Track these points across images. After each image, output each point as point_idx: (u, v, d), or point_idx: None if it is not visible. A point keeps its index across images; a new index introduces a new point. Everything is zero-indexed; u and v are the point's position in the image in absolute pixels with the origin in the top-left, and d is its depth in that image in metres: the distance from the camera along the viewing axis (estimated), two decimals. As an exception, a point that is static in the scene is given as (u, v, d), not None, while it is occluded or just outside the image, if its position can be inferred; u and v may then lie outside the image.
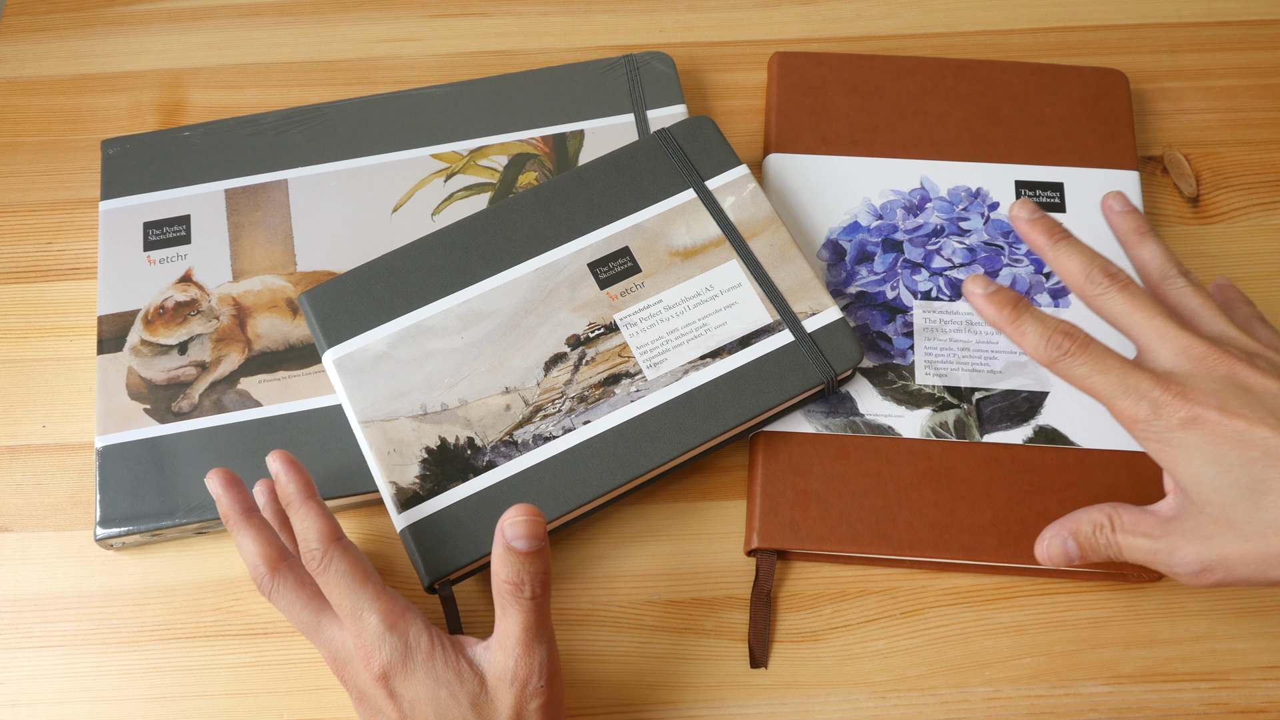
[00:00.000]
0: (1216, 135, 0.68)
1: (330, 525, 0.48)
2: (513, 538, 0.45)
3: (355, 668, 0.47)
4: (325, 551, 0.47)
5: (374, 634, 0.46)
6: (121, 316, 0.60)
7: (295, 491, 0.49)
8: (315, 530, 0.48)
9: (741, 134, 0.68)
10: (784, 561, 0.57)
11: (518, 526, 0.45)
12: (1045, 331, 0.48)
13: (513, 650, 0.46)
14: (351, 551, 0.48)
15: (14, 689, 0.55)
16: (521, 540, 0.45)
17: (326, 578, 0.47)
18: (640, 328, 0.56)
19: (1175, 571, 0.46)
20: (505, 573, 0.45)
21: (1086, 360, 0.47)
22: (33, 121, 0.69)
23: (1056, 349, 0.47)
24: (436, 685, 0.46)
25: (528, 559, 0.45)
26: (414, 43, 0.71)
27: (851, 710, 0.54)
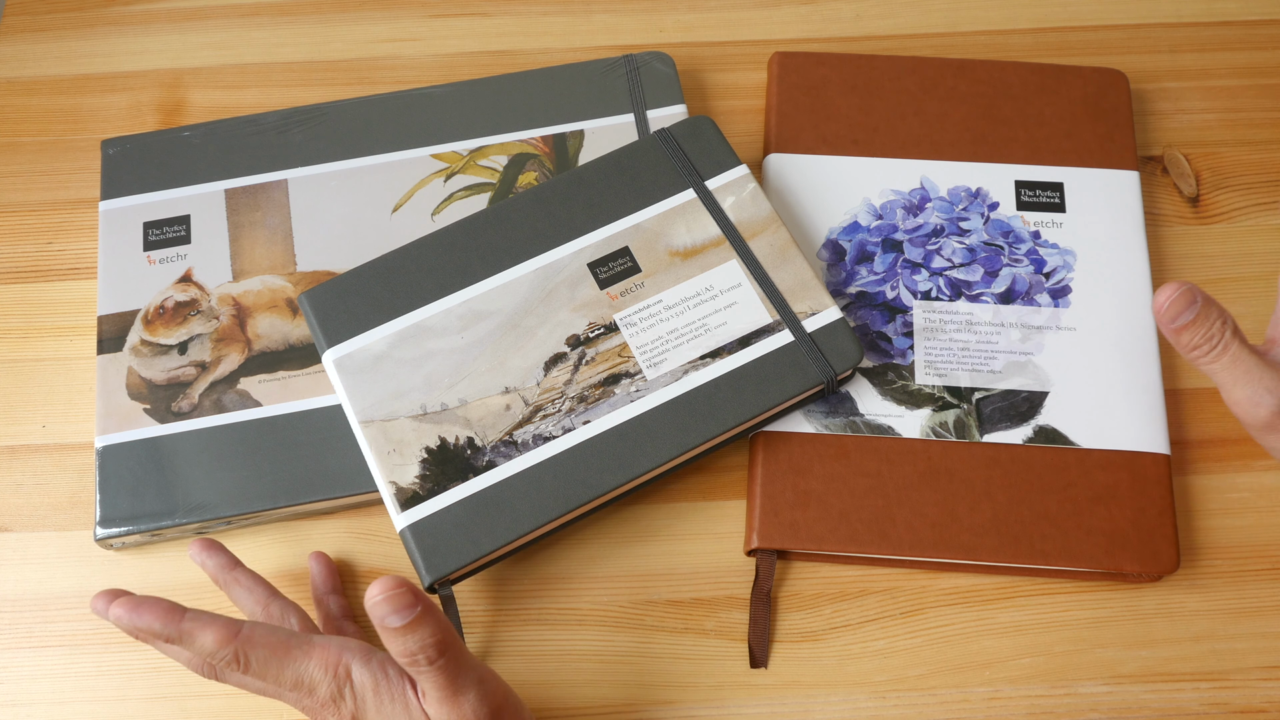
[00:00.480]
0: (1216, 135, 0.68)
1: (219, 629, 0.45)
2: (381, 618, 0.42)
3: (326, 716, 0.47)
4: (235, 654, 0.45)
5: (326, 692, 0.46)
6: (121, 316, 0.60)
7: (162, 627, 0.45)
8: (210, 642, 0.45)
9: (741, 134, 0.68)
10: (784, 561, 0.57)
11: (381, 607, 0.42)
12: None
13: (441, 707, 0.45)
14: (257, 634, 0.46)
15: (14, 689, 0.55)
16: (392, 618, 0.42)
17: (254, 670, 0.46)
18: (640, 328, 0.56)
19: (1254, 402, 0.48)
20: (394, 649, 0.43)
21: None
22: (33, 121, 0.69)
23: None
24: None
25: (408, 632, 0.43)
26: (414, 43, 0.71)
27: (851, 710, 0.54)
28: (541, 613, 0.56)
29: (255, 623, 0.47)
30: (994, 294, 0.60)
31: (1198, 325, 0.49)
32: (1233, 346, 0.49)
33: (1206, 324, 0.49)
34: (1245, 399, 0.49)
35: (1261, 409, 0.49)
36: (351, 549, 0.58)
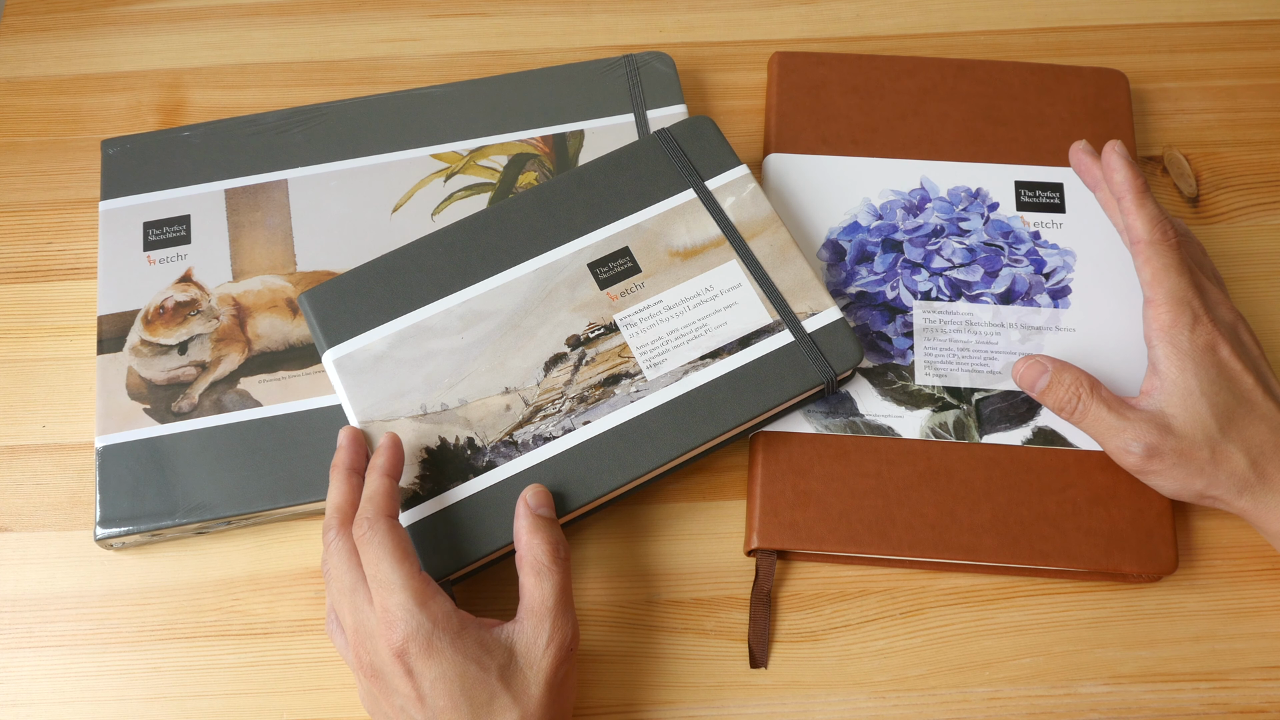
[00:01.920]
0: (1216, 135, 0.68)
1: (390, 503, 0.50)
2: (538, 506, 0.51)
3: (375, 643, 0.47)
4: (374, 522, 0.48)
5: (401, 608, 0.47)
6: (121, 316, 0.60)
7: (379, 465, 0.51)
8: (375, 503, 0.49)
9: (741, 134, 0.68)
10: (784, 561, 0.57)
11: (540, 496, 0.51)
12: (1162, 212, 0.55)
13: (548, 614, 0.48)
14: (398, 530, 0.49)
15: (14, 689, 0.55)
16: (546, 509, 0.51)
17: (368, 548, 0.48)
18: (640, 328, 0.56)
19: (1128, 448, 0.53)
20: (542, 538, 0.49)
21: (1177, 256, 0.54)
22: (33, 121, 0.69)
23: (1161, 231, 0.54)
24: (465, 661, 0.47)
25: (554, 525, 0.50)
26: (414, 43, 0.71)
27: (851, 710, 0.54)
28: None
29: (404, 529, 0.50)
30: (994, 294, 0.60)
31: (1052, 391, 0.55)
32: (1092, 406, 0.54)
33: (1061, 389, 0.55)
34: (1114, 449, 0.54)
35: (1129, 457, 0.53)
36: (351, 549, 0.58)
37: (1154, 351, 0.54)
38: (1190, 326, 0.53)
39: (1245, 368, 0.53)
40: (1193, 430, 0.52)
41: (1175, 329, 0.53)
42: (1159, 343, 0.54)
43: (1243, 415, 0.53)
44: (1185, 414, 0.53)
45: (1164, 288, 0.54)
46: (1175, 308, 0.53)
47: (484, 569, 0.55)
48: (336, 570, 0.49)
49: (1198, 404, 0.52)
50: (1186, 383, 0.53)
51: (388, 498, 0.50)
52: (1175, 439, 0.52)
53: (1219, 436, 0.52)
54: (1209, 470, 0.52)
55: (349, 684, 0.55)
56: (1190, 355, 0.53)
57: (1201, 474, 0.53)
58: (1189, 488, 0.53)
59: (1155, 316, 0.54)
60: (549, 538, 0.49)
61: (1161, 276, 0.54)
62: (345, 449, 0.52)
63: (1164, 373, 0.53)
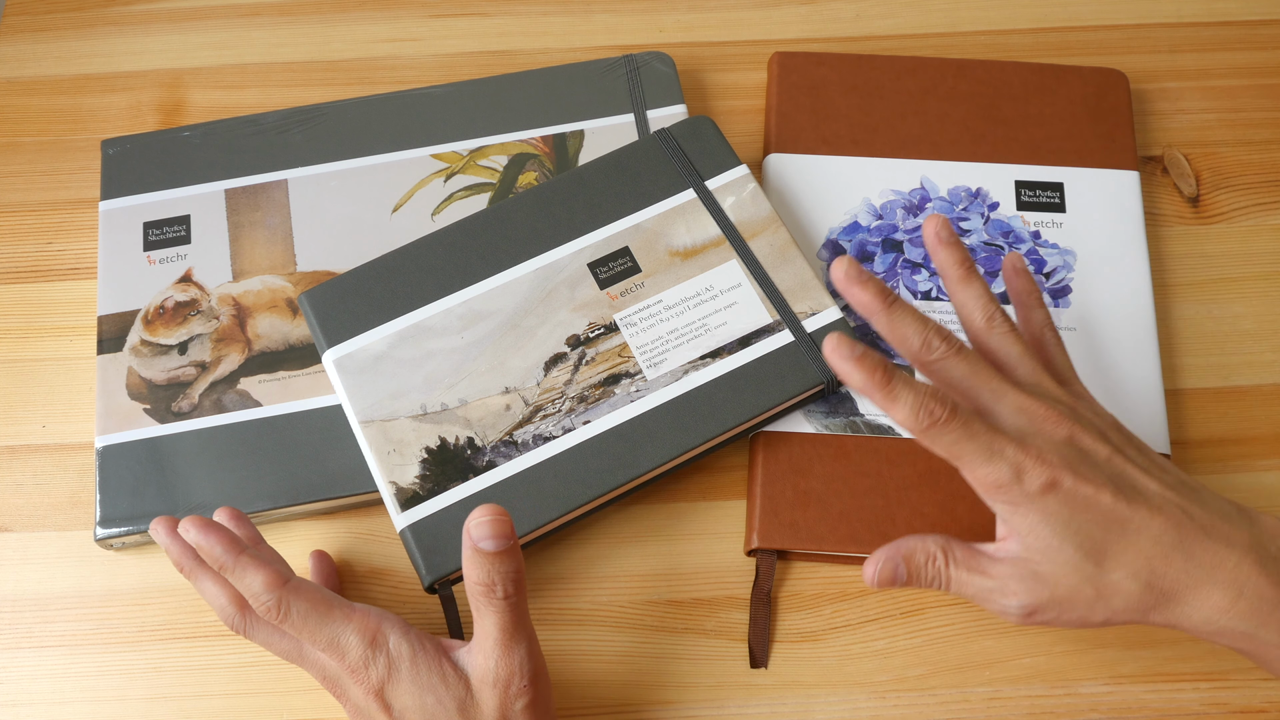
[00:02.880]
0: (1216, 135, 0.68)
1: (271, 573, 0.47)
2: (479, 539, 0.44)
3: (347, 685, 0.47)
4: (279, 600, 0.46)
5: (358, 656, 0.46)
6: (121, 316, 0.60)
7: (223, 554, 0.47)
8: (260, 583, 0.47)
9: (741, 134, 0.68)
10: (784, 561, 0.57)
11: (483, 527, 0.44)
12: (918, 400, 0.44)
13: (492, 652, 0.46)
14: (305, 588, 0.47)
15: (14, 689, 0.55)
16: (489, 541, 0.44)
17: (291, 622, 0.47)
18: (640, 328, 0.56)
19: (1005, 609, 0.47)
20: (476, 574, 0.45)
21: (956, 427, 0.45)
22: (33, 121, 0.69)
23: (928, 416, 0.44)
24: (422, 692, 0.46)
25: (497, 559, 0.44)
26: (414, 43, 0.71)
27: (851, 710, 0.54)
28: (541, 613, 0.56)
29: (302, 578, 0.48)
30: (994, 294, 0.60)
31: (914, 580, 0.48)
32: (953, 576, 0.48)
33: (921, 573, 0.48)
34: (996, 610, 0.47)
35: (1010, 616, 0.47)
36: (351, 549, 0.58)
37: (995, 508, 0.47)
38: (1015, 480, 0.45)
39: (1098, 486, 0.45)
40: (1066, 576, 0.46)
41: (1001, 490, 0.45)
42: (994, 504, 0.47)
43: (1115, 539, 0.45)
44: (1051, 564, 0.46)
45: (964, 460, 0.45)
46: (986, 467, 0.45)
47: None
48: (275, 647, 0.49)
49: (1060, 550, 0.45)
50: (1041, 533, 0.45)
51: (264, 569, 0.47)
52: (1050, 588, 0.46)
53: (1097, 572, 0.45)
54: (1100, 606, 0.46)
55: (349, 684, 0.55)
56: (1034, 507, 0.45)
57: (1094, 611, 0.46)
58: (1089, 622, 0.47)
59: (977, 481, 0.46)
60: (482, 576, 0.45)
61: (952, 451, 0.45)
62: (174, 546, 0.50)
63: (1016, 527, 0.46)
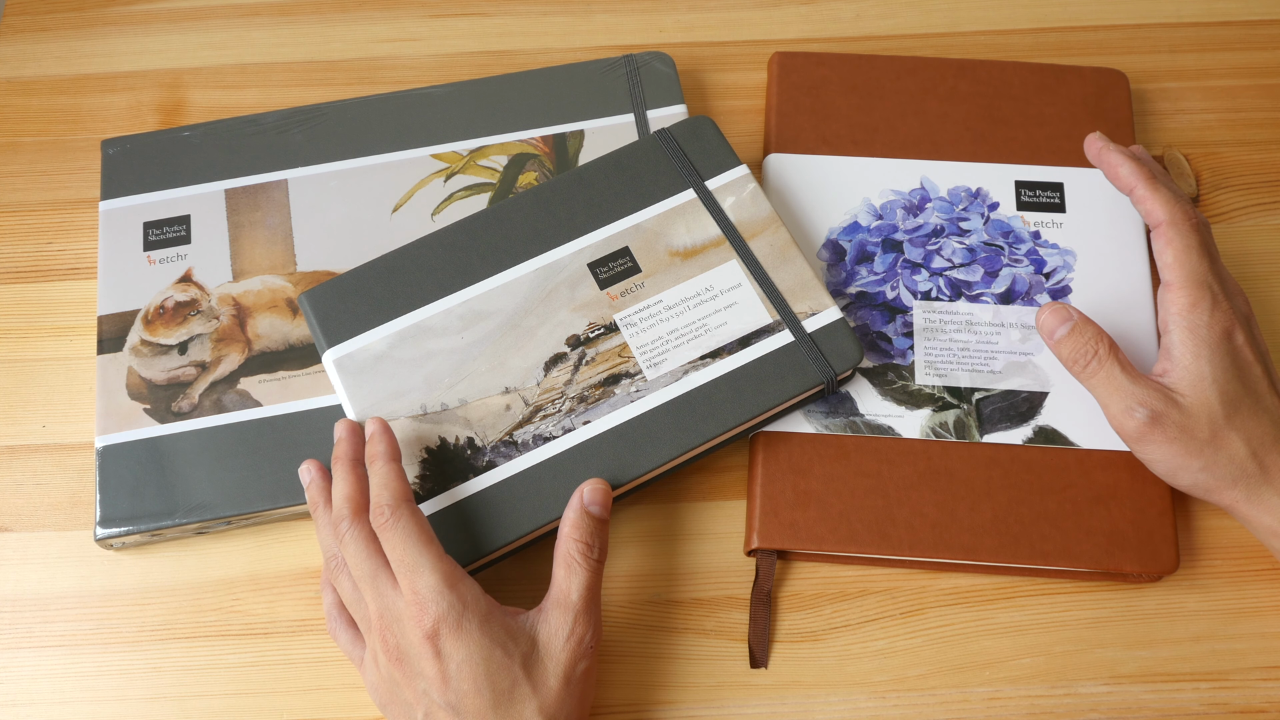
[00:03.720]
0: (1216, 135, 0.68)
1: (404, 488, 0.50)
2: (590, 503, 0.51)
3: (404, 625, 0.48)
4: (395, 509, 0.49)
5: (431, 590, 0.47)
6: (121, 316, 0.60)
7: (381, 452, 0.51)
8: (391, 489, 0.49)
9: (741, 134, 0.68)
10: (784, 561, 0.57)
11: (597, 494, 0.51)
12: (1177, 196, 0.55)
13: (572, 608, 0.49)
14: (419, 514, 0.49)
15: (14, 689, 0.55)
16: (598, 507, 0.51)
17: (392, 534, 0.48)
18: (640, 328, 0.56)
19: (1130, 414, 0.52)
20: (579, 534, 0.50)
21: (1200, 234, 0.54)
22: (33, 121, 0.69)
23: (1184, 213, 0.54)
24: (491, 644, 0.47)
25: (600, 525, 0.51)
26: (414, 43, 0.71)
27: (851, 710, 0.54)
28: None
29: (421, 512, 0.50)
30: (994, 294, 0.60)
31: (1072, 338, 0.54)
32: (1107, 363, 0.53)
33: (1081, 339, 0.54)
34: (1118, 411, 0.53)
35: (1131, 420, 0.53)
36: (351, 549, 0.58)
37: (1169, 336, 0.53)
38: (1210, 310, 0.53)
39: (1255, 358, 0.53)
40: (1198, 411, 0.52)
41: (1194, 312, 0.53)
42: (1176, 326, 0.53)
43: (1248, 406, 0.52)
44: (1194, 397, 0.52)
45: (1184, 269, 0.53)
46: (1195, 289, 0.53)
47: (485, 568, 0.55)
48: (356, 558, 0.49)
49: (1207, 390, 0.52)
50: (1199, 368, 0.52)
51: (400, 481, 0.50)
52: (1180, 413, 0.52)
53: (1223, 422, 0.52)
54: (1207, 452, 0.52)
55: (349, 684, 0.55)
56: (1206, 341, 0.52)
57: (1199, 454, 0.52)
58: (1185, 467, 0.53)
59: (1174, 299, 0.53)
60: (586, 535, 0.50)
61: (1183, 258, 0.53)
62: (345, 440, 0.53)
63: (1177, 358, 0.53)
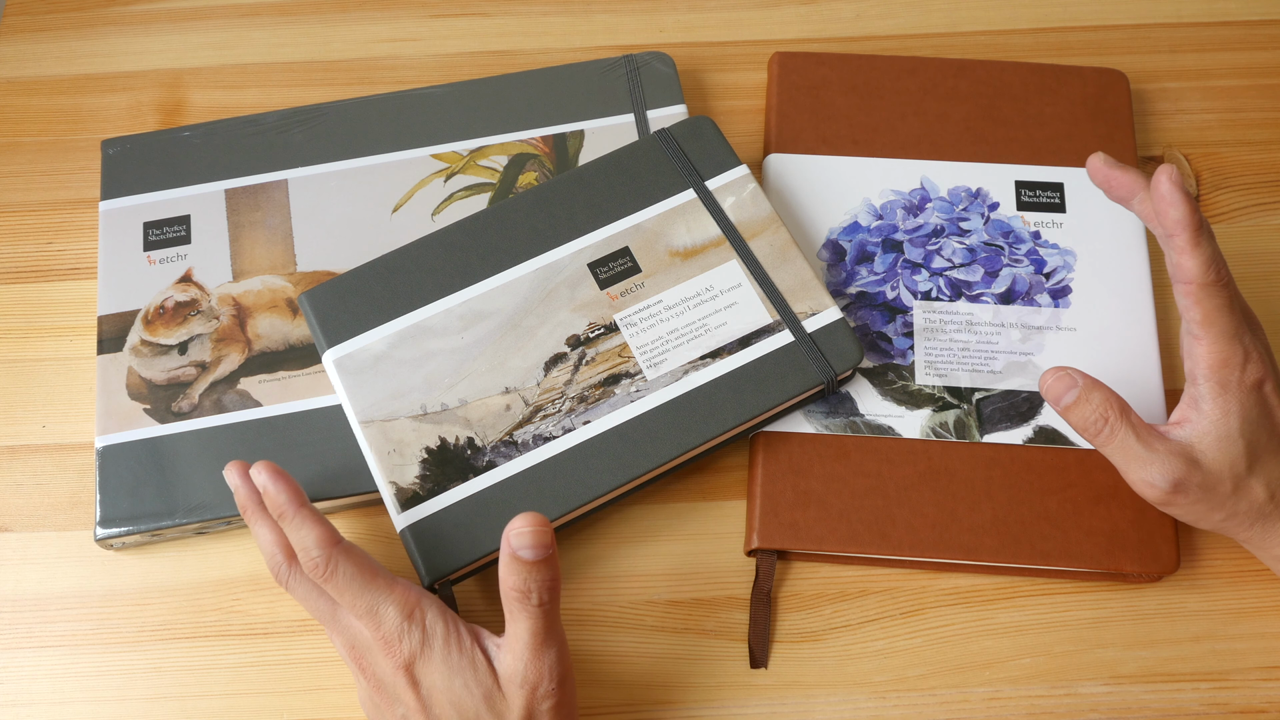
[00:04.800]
0: (1216, 135, 0.68)
1: (327, 530, 0.48)
2: (519, 547, 0.45)
3: (376, 657, 0.48)
4: (328, 558, 0.47)
5: (393, 627, 0.47)
6: (121, 316, 0.60)
7: (286, 502, 0.48)
8: (313, 538, 0.48)
9: (741, 134, 0.68)
10: (784, 561, 0.57)
11: (524, 536, 0.45)
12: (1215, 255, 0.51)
13: (522, 655, 0.46)
14: (354, 553, 0.48)
15: (14, 689, 0.55)
16: (528, 550, 0.45)
17: (335, 583, 0.47)
18: (640, 328, 0.56)
19: (1151, 482, 0.51)
20: (512, 580, 0.45)
21: (1229, 294, 0.51)
22: (33, 121, 0.69)
23: (1215, 272, 0.50)
24: (452, 674, 0.47)
25: (534, 567, 0.45)
26: (414, 43, 0.71)
27: (851, 710, 0.54)
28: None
29: (352, 543, 0.49)
30: (994, 294, 0.60)
31: (1080, 407, 0.52)
32: (1120, 431, 0.51)
33: (1089, 407, 0.52)
34: (1136, 480, 0.51)
35: (1153, 490, 0.51)
36: (351, 549, 0.58)
37: (1198, 388, 0.51)
38: (1241, 365, 0.51)
39: (1278, 402, 0.52)
40: (1221, 469, 0.51)
41: (1226, 369, 0.51)
42: (1206, 381, 0.51)
43: (1270, 450, 0.51)
44: (1218, 454, 0.51)
45: (1215, 327, 0.51)
46: (1228, 346, 0.51)
47: (485, 568, 0.55)
48: (309, 604, 0.49)
49: (1233, 446, 0.50)
50: (1228, 425, 0.50)
51: (319, 527, 0.48)
52: (1202, 474, 0.51)
53: (1245, 473, 0.51)
54: (1229, 504, 0.51)
55: (349, 684, 0.55)
56: (1237, 395, 0.50)
57: (1222, 507, 0.51)
58: (1206, 519, 0.52)
59: (1205, 355, 0.51)
60: (519, 582, 0.45)
61: (1214, 317, 0.51)
62: (242, 488, 0.51)
63: (1206, 412, 0.51)
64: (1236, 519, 0.52)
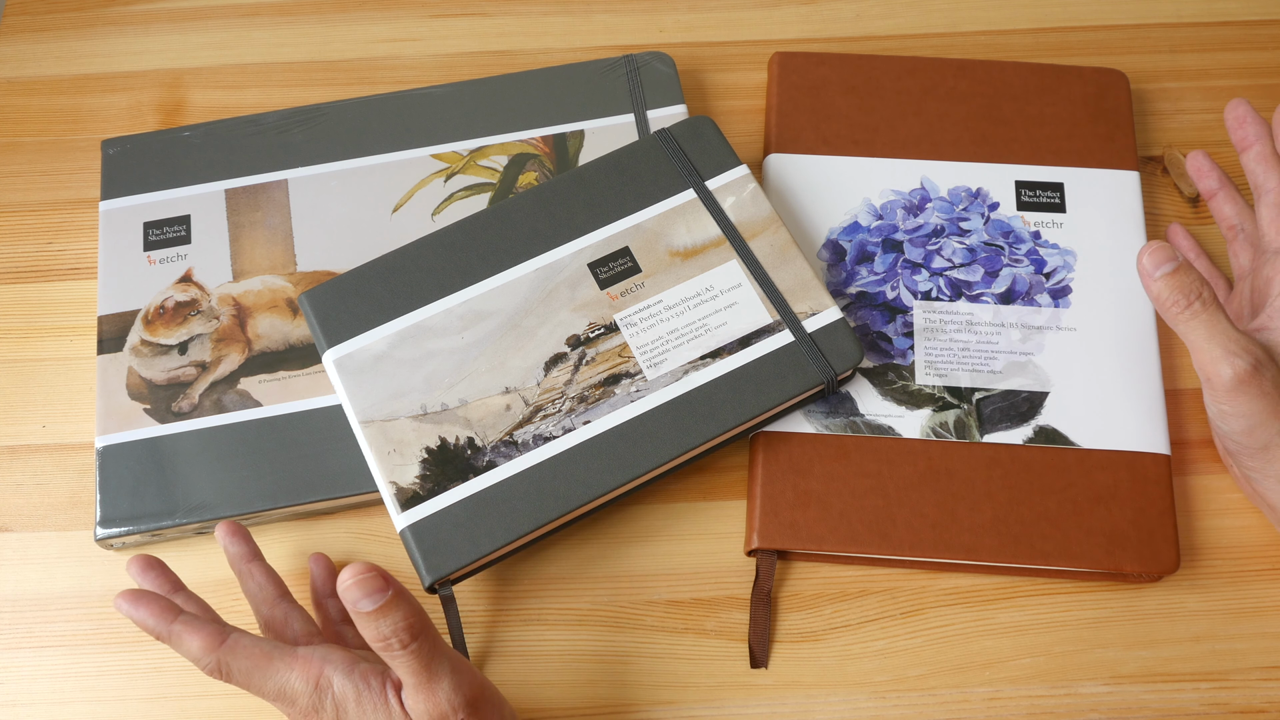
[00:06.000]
0: (1216, 135, 0.68)
1: (206, 636, 0.47)
2: (354, 602, 0.43)
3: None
4: (217, 662, 0.47)
5: (306, 702, 0.46)
6: (121, 316, 0.60)
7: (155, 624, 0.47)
8: (196, 648, 0.47)
9: (741, 134, 0.68)
10: (784, 561, 0.57)
11: (352, 590, 0.43)
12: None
13: (417, 695, 0.46)
14: (241, 645, 0.47)
15: (14, 689, 0.55)
16: (364, 602, 0.43)
17: (235, 680, 0.47)
18: (640, 328, 0.56)
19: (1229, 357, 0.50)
20: (369, 634, 0.44)
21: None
22: (33, 121, 0.69)
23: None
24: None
25: (380, 616, 0.43)
26: (414, 43, 0.71)
27: (851, 710, 0.54)
28: (541, 613, 0.56)
29: (241, 632, 0.47)
30: (994, 294, 0.60)
31: (1176, 277, 0.51)
32: (1211, 307, 0.51)
33: (1186, 278, 0.51)
34: (1215, 357, 0.51)
35: (1231, 367, 0.50)
36: (352, 549, 0.58)
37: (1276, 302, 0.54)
38: None
39: None
40: None
41: None
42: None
43: None
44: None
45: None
46: None
47: (485, 568, 0.55)
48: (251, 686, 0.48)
49: None
50: None
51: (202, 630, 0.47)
52: (1276, 371, 0.51)
53: None
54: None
55: (349, 684, 0.55)
56: None
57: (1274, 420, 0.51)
58: (1265, 425, 0.51)
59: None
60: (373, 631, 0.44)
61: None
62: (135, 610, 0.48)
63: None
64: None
